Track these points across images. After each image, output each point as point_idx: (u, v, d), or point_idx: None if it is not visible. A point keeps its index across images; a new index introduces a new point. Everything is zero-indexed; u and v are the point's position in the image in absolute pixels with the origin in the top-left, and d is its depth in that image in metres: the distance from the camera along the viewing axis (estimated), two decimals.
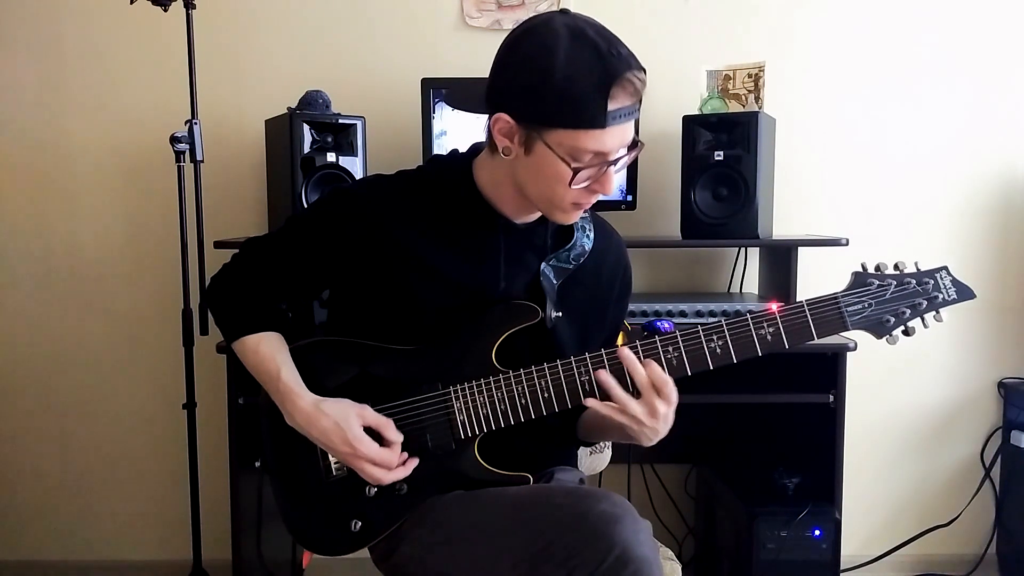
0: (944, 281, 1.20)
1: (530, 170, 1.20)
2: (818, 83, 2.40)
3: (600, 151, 1.15)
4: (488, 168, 1.29)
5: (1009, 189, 2.43)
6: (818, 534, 1.93)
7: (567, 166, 1.16)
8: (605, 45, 1.14)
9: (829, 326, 1.19)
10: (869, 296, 1.19)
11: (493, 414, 1.27)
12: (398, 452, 1.28)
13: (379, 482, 1.27)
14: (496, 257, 1.31)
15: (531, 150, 1.18)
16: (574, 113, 1.13)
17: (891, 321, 1.19)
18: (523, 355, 1.29)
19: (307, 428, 1.28)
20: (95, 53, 2.37)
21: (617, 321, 1.48)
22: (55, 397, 2.48)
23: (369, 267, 1.31)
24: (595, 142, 1.14)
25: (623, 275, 1.44)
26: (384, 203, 1.31)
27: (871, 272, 1.22)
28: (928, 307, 1.19)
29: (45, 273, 2.44)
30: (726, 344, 1.21)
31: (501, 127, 1.19)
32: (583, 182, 1.18)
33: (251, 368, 1.36)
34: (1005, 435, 2.44)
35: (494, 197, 1.29)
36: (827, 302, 1.20)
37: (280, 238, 1.39)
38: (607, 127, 1.13)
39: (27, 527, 2.52)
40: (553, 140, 1.15)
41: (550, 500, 1.20)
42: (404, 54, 2.36)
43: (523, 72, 1.15)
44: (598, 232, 1.39)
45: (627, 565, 1.09)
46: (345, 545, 1.33)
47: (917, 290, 1.19)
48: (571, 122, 1.13)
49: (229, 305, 1.39)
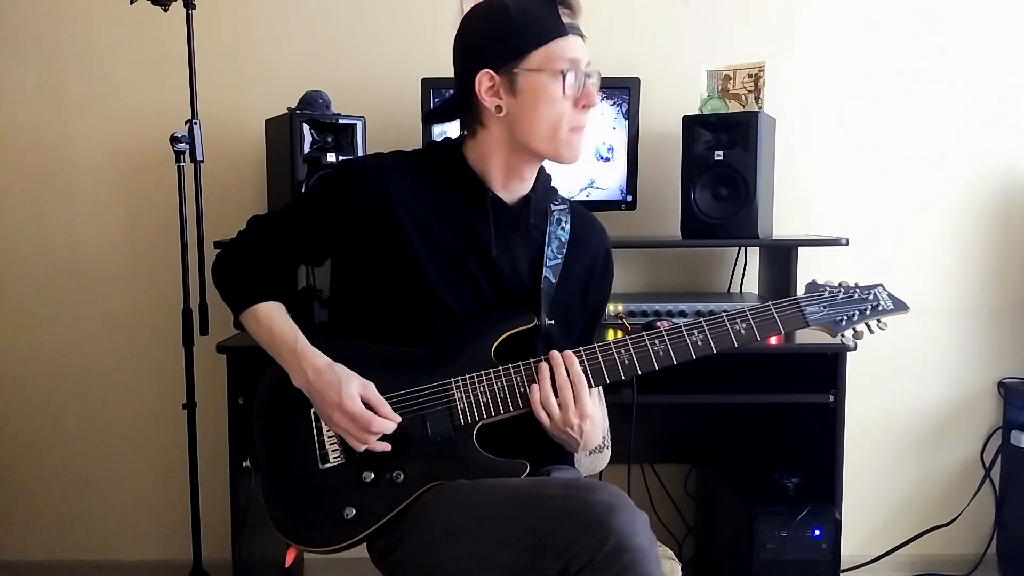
0: (882, 294, 1.40)
1: (525, 108, 1.31)
2: (818, 83, 2.40)
3: (572, 57, 1.30)
4: (473, 147, 1.39)
5: (1009, 189, 2.43)
6: (818, 534, 1.93)
7: (554, 76, 1.29)
8: None
9: (792, 322, 1.37)
10: (822, 301, 1.39)
11: (493, 402, 1.32)
12: (382, 425, 1.29)
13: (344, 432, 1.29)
14: (487, 227, 1.38)
15: (517, 88, 1.31)
16: (538, 31, 1.29)
17: (843, 321, 1.38)
18: (517, 356, 1.35)
19: (314, 380, 1.31)
20: (95, 53, 2.37)
21: (598, 307, 1.54)
22: (55, 397, 2.48)
23: (371, 234, 1.36)
24: (564, 51, 1.30)
25: (604, 257, 1.53)
26: (385, 173, 1.39)
27: (822, 284, 1.42)
28: (871, 313, 1.39)
29: (45, 273, 2.44)
30: (706, 338, 1.34)
31: (486, 86, 1.31)
32: (572, 91, 1.31)
33: (263, 335, 1.39)
34: (1005, 435, 2.44)
35: (483, 172, 1.39)
36: (789, 303, 1.38)
37: (285, 212, 1.46)
38: (568, 35, 1.30)
39: (27, 527, 2.52)
40: (531, 65, 1.30)
41: (548, 491, 1.21)
42: (404, 54, 2.36)
43: (483, 26, 1.33)
44: (576, 220, 1.49)
45: (623, 554, 1.09)
46: (337, 535, 1.31)
47: (862, 297, 1.40)
48: (539, 39, 1.29)
49: (236, 278, 1.44)
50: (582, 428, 1.31)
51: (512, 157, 1.37)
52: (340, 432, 1.31)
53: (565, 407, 1.29)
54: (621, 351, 1.33)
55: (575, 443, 1.34)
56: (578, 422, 1.30)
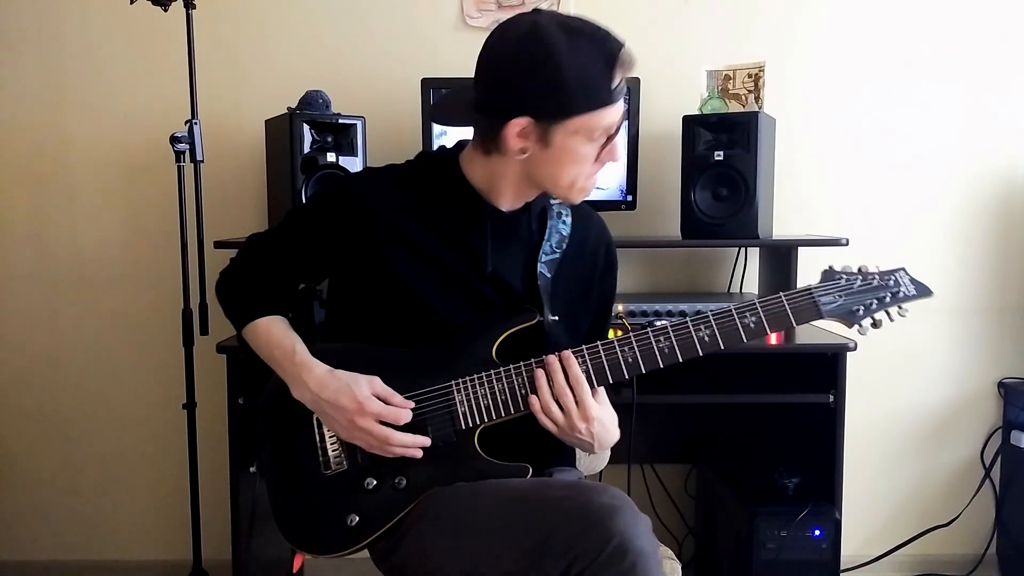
0: (903, 279, 1.31)
1: (551, 161, 1.27)
2: (818, 83, 2.40)
3: (611, 124, 1.26)
4: (482, 164, 1.34)
5: (1009, 189, 2.43)
6: (818, 534, 1.93)
7: (589, 147, 1.26)
8: (592, 30, 1.24)
9: (805, 314, 1.29)
10: (838, 290, 1.29)
11: (494, 404, 1.30)
12: (407, 416, 1.28)
13: (386, 440, 1.27)
14: (483, 240, 1.36)
15: (550, 143, 1.25)
16: (590, 98, 1.22)
17: (860, 311, 1.29)
18: (521, 354, 1.33)
19: (318, 392, 1.30)
20: (95, 53, 2.37)
21: (605, 302, 1.52)
22: (55, 397, 2.48)
23: (363, 252, 1.35)
24: (608, 118, 1.25)
25: (606, 250, 1.50)
26: (375, 191, 1.37)
27: (839, 271, 1.33)
28: (891, 300, 1.29)
29: (45, 273, 2.44)
30: (713, 333, 1.29)
31: (517, 131, 1.25)
32: (602, 155, 1.29)
33: (263, 349, 1.39)
34: (1005, 435, 2.44)
35: (486, 190, 1.35)
36: (802, 293, 1.30)
37: (280, 231, 1.46)
38: (615, 102, 1.25)
39: (27, 527, 2.52)
40: (572, 127, 1.24)
41: (550, 493, 1.21)
42: (404, 54, 2.36)
43: (534, 76, 1.21)
44: (575, 215, 1.46)
45: (625, 556, 1.10)
46: (340, 542, 1.32)
47: (881, 284, 1.30)
48: (588, 106, 1.23)
49: (237, 295, 1.45)
50: (591, 431, 1.28)
51: (523, 185, 1.34)
52: (368, 444, 1.29)
53: (568, 413, 1.27)
54: (624, 348, 1.29)
55: (588, 445, 1.31)
56: (584, 426, 1.27)
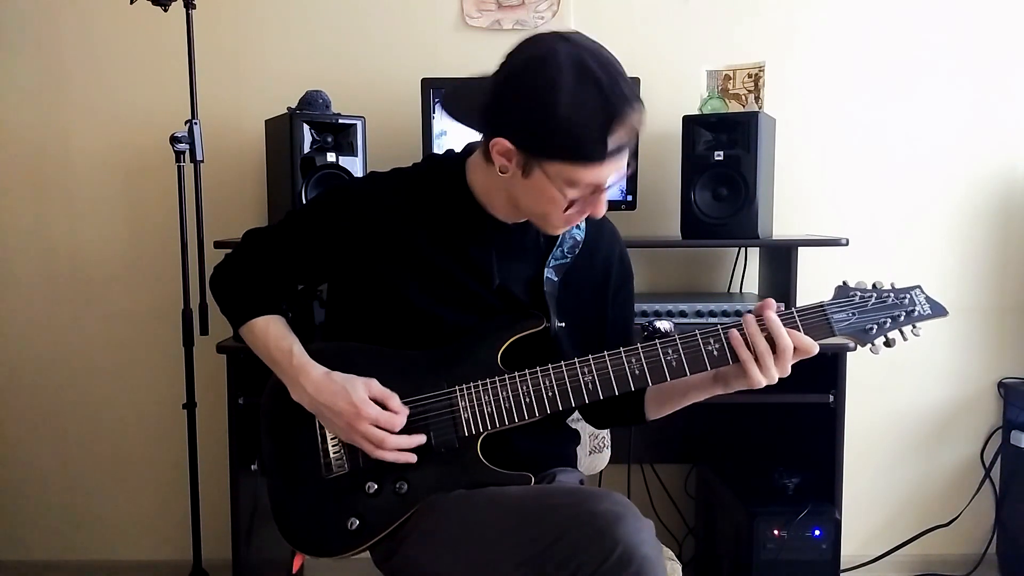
0: (919, 297, 1.27)
1: (527, 191, 1.23)
2: (818, 83, 2.40)
3: (596, 183, 1.19)
4: (482, 173, 1.31)
5: (1009, 189, 2.43)
6: (818, 534, 1.93)
7: (563, 195, 1.20)
8: (607, 81, 1.14)
9: (818, 332, 1.25)
10: (852, 307, 1.25)
11: (497, 412, 1.29)
12: (402, 421, 1.28)
13: (381, 444, 1.26)
14: (488, 254, 1.33)
15: (529, 174, 1.20)
16: (574, 149, 1.16)
17: (873, 329, 1.25)
18: (526, 360, 1.31)
19: (316, 395, 1.29)
20: (95, 53, 2.37)
21: (625, 315, 1.49)
22: (55, 397, 2.48)
23: (364, 261, 1.34)
24: (592, 176, 1.18)
25: (619, 260, 1.47)
26: (379, 199, 1.35)
27: (852, 287, 1.28)
28: (906, 319, 1.26)
29: (45, 273, 2.44)
30: (723, 347, 1.25)
31: (500, 149, 1.20)
32: (576, 207, 1.23)
33: (260, 349, 1.39)
34: (1005, 435, 2.44)
35: (486, 201, 1.33)
36: (815, 310, 1.26)
37: (279, 231, 1.43)
38: (604, 162, 1.17)
39: (27, 527, 2.52)
40: (551, 171, 1.18)
41: (552, 500, 1.20)
42: (404, 54, 2.36)
43: (526, 104, 1.16)
44: (589, 219, 1.40)
45: (630, 564, 1.09)
46: (339, 545, 1.31)
47: (896, 303, 1.26)
48: (571, 157, 1.16)
49: (234, 291, 1.44)
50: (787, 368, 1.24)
51: (512, 202, 1.29)
52: (365, 445, 1.28)
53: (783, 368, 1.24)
54: (631, 359, 1.26)
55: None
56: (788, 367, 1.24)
